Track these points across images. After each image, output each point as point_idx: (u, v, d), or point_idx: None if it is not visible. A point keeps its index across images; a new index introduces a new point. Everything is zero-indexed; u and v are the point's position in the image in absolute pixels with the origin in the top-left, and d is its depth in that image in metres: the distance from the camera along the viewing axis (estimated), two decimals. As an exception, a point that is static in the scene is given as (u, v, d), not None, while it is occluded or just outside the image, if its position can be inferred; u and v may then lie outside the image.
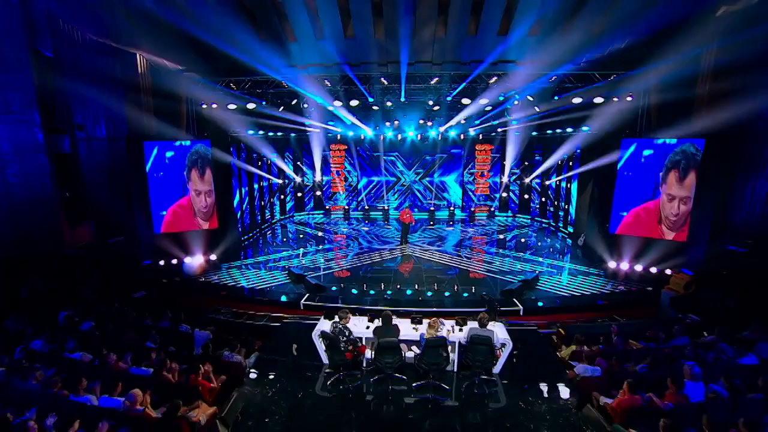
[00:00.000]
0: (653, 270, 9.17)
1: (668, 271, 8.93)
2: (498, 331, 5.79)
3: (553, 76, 10.08)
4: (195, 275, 10.50)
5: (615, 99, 9.96)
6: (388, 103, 11.63)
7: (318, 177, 18.20)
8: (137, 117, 9.45)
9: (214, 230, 10.95)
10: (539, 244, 14.02)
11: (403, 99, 11.39)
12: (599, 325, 7.64)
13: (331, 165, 18.10)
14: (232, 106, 11.32)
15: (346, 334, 5.65)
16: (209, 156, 10.31)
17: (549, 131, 14.74)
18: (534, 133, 15.81)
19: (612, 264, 9.88)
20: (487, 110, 12.61)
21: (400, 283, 10.04)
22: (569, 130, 13.44)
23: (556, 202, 15.53)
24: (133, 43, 8.80)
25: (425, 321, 6.29)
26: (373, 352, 5.68)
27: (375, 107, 12.70)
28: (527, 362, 6.23)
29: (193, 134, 10.88)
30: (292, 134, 16.44)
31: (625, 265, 9.64)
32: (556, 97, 10.79)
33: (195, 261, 10.60)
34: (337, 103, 11.46)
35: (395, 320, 6.10)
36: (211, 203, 10.49)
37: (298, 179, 17.97)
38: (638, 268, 9.43)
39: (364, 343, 6.15)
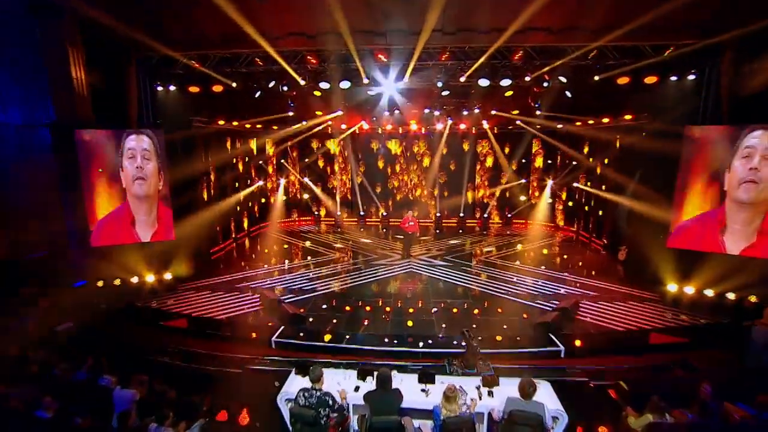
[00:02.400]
0: (731, 296, 7.62)
1: (753, 299, 7.39)
2: (548, 399, 4.23)
3: (594, 49, 8.60)
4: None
5: (673, 78, 8.46)
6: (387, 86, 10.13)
7: (305, 178, 16.69)
8: (67, 98, 7.92)
9: (171, 242, 9.41)
10: (565, 257, 12.50)
11: (405, 80, 9.89)
12: (672, 376, 6.06)
13: (320, 163, 16.60)
14: (194, 89, 9.83)
15: (329, 403, 4.08)
16: (157, 150, 8.76)
17: (579, 122, 13.25)
18: (559, 126, 14.30)
19: (672, 287, 8.32)
20: (507, 95, 11.10)
21: (401, 308, 8.54)
22: (605, 120, 11.94)
23: (587, 207, 14.00)
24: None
25: (438, 380, 4.74)
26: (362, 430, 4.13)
27: (371, 92, 11.20)
28: (585, 439, 4.66)
29: (149, 122, 9.40)
30: (274, 126, 14.94)
31: (690, 289, 8.09)
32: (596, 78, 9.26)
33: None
34: (324, 86, 9.95)
35: (396, 379, 4.57)
36: (156, 209, 8.92)
37: (282, 180, 16.44)
38: (709, 293, 7.88)
39: (350, 412, 4.58)
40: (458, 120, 14.82)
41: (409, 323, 7.93)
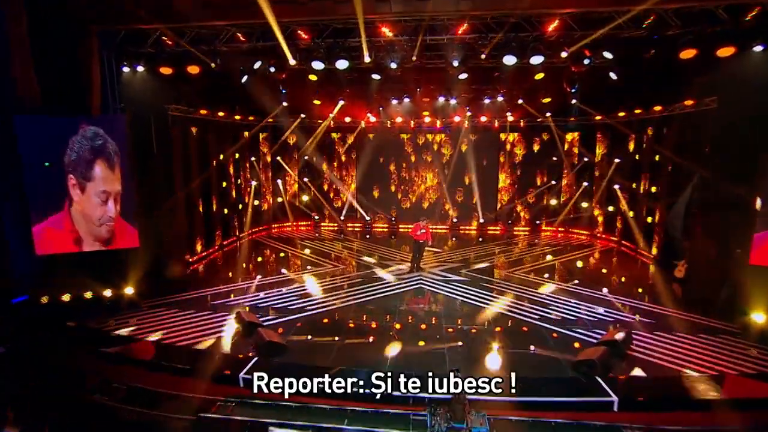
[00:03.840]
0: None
1: None
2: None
3: (651, 14, 7.22)
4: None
5: (758, 48, 6.97)
6: (393, 65, 8.85)
7: (305, 178, 15.58)
8: (5, 78, 6.99)
9: (136, 250, 8.38)
10: (603, 271, 11.02)
11: (414, 58, 8.65)
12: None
13: (317, 160, 15.44)
14: (166, 70, 8.81)
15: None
16: (114, 142, 7.69)
17: (623, 113, 11.80)
18: (597, 118, 12.88)
19: (758, 317, 6.78)
20: (537, 78, 9.73)
21: (405, 332, 7.34)
22: (657, 108, 10.44)
23: (631, 213, 12.44)
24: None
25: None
26: None
27: (376, 76, 10.01)
28: None
29: (116, 108, 8.44)
30: (269, 119, 13.90)
31: (782, 320, 6.56)
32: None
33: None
34: (317, 66, 8.80)
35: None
36: (114, 230, 7.86)
37: (279, 181, 15.33)
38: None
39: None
40: (478, 112, 13.52)
41: (421, 343, 6.98)
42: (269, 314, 8.16)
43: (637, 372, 6.16)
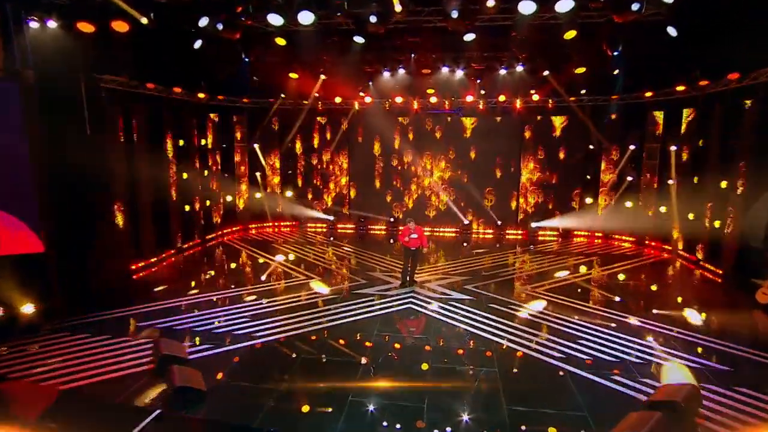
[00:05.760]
0: None
1: None
2: None
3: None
4: None
5: None
6: (372, 20, 7.16)
7: (289, 171, 14.24)
8: None
9: (40, 256, 7.08)
10: (653, 288, 9.22)
11: (398, 8, 6.97)
12: None
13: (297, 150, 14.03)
14: (86, 27, 7.46)
15: None
16: None
17: (682, 86, 9.88)
18: (648, 94, 11.01)
19: None
20: (568, 38, 7.90)
21: (382, 370, 5.68)
22: (732, 77, 8.48)
23: (691, 216, 10.51)
24: None
25: None
26: None
27: (358, 38, 8.41)
28: None
29: (25, 68, 7.17)
30: (245, 99, 12.59)
31: None
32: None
33: None
34: (275, 20, 7.28)
35: None
36: None
37: (257, 174, 14.01)
38: None
39: None
40: (494, 89, 11.77)
41: (424, 366, 5.90)
42: (202, 342, 6.70)
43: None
